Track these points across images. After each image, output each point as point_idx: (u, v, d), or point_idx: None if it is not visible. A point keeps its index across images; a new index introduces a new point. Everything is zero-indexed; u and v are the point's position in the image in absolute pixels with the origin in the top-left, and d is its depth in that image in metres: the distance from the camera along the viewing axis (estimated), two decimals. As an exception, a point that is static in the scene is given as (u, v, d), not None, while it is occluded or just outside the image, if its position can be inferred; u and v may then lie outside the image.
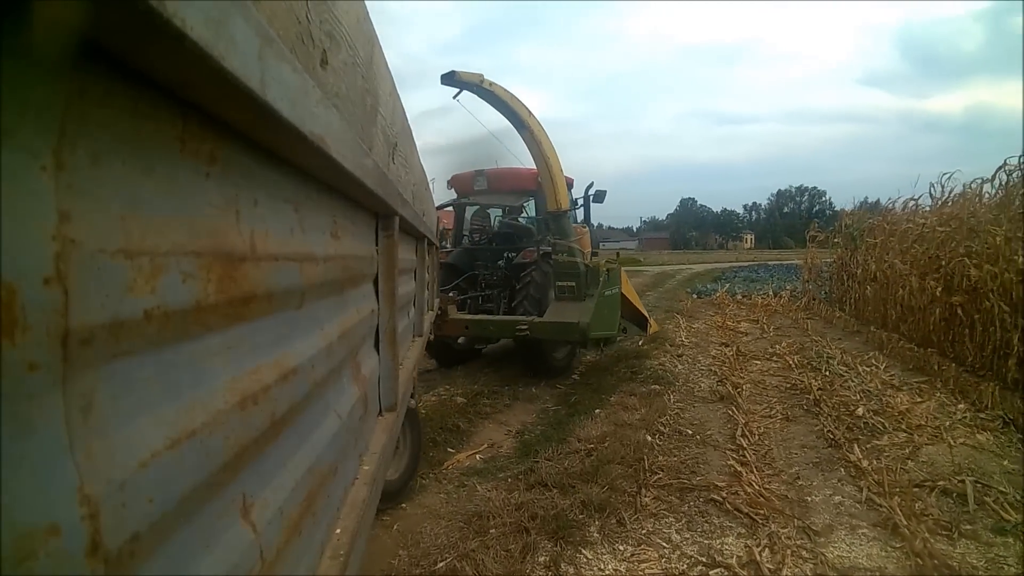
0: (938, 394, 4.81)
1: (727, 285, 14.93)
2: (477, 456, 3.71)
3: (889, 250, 8.14)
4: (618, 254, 7.46)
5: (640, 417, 4.25)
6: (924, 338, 6.55)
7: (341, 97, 0.96)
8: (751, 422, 4.15)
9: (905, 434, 3.88)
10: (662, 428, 4.06)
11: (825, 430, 3.98)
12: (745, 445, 3.69)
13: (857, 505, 2.93)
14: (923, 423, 4.08)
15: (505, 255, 6.49)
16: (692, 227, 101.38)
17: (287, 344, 0.76)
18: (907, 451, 3.61)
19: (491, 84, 5.67)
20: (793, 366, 5.95)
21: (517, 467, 3.45)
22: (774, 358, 6.41)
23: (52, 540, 0.31)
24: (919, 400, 4.64)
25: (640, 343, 6.83)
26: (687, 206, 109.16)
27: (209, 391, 0.52)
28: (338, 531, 0.96)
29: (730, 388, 5.02)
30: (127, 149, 0.41)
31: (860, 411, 4.30)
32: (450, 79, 5.59)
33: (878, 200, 10.92)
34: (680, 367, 5.99)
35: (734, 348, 6.79)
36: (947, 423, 4.07)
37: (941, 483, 3.12)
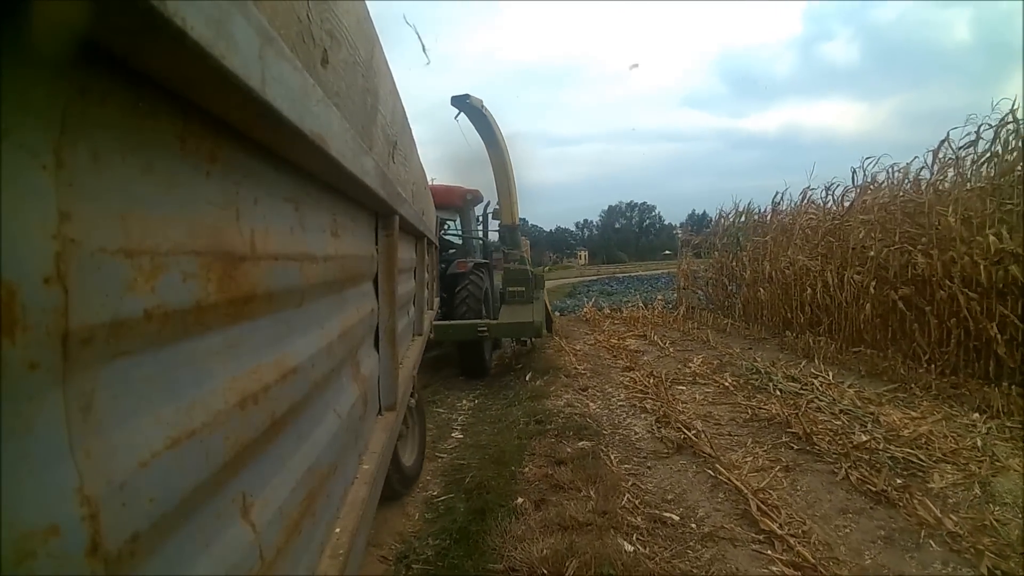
0: (926, 404, 4.17)
1: (589, 300, 13.99)
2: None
3: (788, 247, 7.67)
4: (542, 263, 8.20)
5: (593, 506, 2.71)
6: (853, 338, 6.06)
7: (341, 96, 0.96)
8: (759, 486, 2.86)
9: (951, 466, 3.07)
10: (633, 519, 2.61)
11: (853, 478, 2.95)
12: (778, 530, 2.43)
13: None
14: (956, 447, 3.29)
15: None
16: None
17: (287, 343, 0.76)
18: (976, 491, 2.79)
19: (485, 110, 7.06)
20: (731, 388, 4.83)
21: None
22: (699, 380, 5.25)
23: (52, 540, 0.31)
24: (916, 415, 3.87)
25: (527, 377, 5.69)
26: (520, 227, 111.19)
27: (209, 391, 0.52)
28: (338, 530, 0.96)
29: (683, 430, 3.72)
30: (127, 148, 0.41)
31: (871, 443, 3.39)
32: (461, 102, 6.83)
33: (704, 211, 10.99)
34: (595, 406, 4.56)
35: (646, 372, 5.55)
36: (979, 442, 3.35)
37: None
